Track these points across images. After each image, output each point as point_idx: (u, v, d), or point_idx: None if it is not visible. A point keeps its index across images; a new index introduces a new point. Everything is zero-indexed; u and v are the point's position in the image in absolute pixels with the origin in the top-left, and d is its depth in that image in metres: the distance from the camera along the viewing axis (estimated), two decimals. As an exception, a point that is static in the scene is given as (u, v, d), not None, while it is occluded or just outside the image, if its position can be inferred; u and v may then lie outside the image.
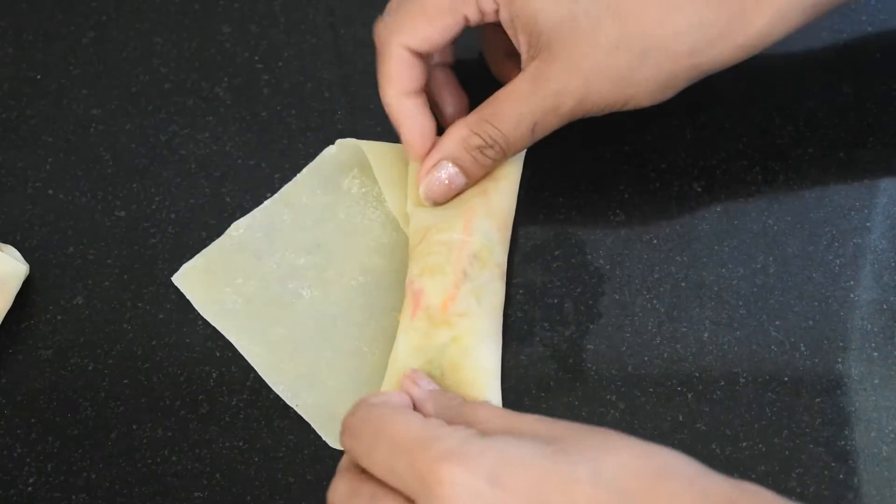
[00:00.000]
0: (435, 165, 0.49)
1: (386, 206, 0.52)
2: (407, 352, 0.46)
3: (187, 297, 0.51)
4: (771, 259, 0.50)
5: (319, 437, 0.47)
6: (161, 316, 0.50)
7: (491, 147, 0.48)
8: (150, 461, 0.47)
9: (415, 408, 0.43)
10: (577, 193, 0.52)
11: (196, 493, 0.46)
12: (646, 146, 0.53)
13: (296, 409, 0.48)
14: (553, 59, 0.47)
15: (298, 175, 0.53)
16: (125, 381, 0.49)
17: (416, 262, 0.48)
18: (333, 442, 0.47)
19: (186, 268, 0.51)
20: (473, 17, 0.48)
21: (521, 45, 0.48)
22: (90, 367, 0.49)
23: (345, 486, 0.40)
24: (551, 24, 0.46)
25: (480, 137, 0.48)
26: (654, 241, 0.51)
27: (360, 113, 0.55)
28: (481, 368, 0.46)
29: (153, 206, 0.53)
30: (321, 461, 0.47)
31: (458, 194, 0.49)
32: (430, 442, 0.37)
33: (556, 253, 0.51)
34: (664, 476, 0.37)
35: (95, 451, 0.47)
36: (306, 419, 0.47)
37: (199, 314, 0.50)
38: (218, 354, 0.49)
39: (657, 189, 0.52)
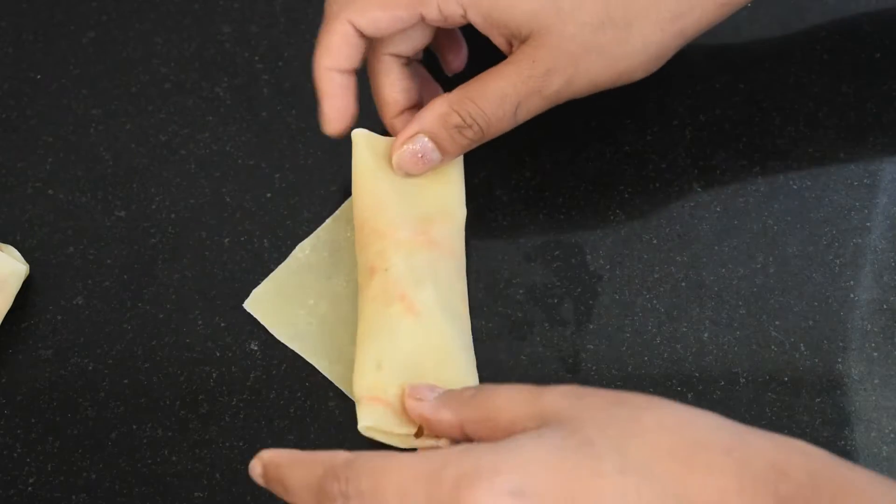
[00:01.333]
0: (411, 138, 0.47)
1: None
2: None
3: (261, 321, 0.50)
4: (771, 259, 0.50)
5: (319, 437, 0.47)
6: (161, 316, 0.50)
7: (469, 127, 0.47)
8: (150, 461, 0.47)
9: (428, 425, 0.41)
10: (577, 193, 0.52)
11: (196, 493, 0.46)
12: (646, 146, 0.53)
13: None
14: (539, 45, 0.46)
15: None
16: (125, 381, 0.49)
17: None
18: None
19: (257, 293, 0.50)
20: (432, 17, 0.47)
21: (502, 42, 0.48)
22: (90, 367, 0.49)
23: None
24: (530, 14, 0.46)
25: (460, 116, 0.47)
26: (654, 241, 0.51)
27: (360, 113, 0.55)
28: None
29: (153, 206, 0.53)
30: (321, 461, 0.47)
31: (432, 169, 0.48)
32: (440, 472, 0.34)
33: (556, 253, 0.51)
34: (697, 449, 0.34)
35: (95, 451, 0.47)
36: None
37: (199, 314, 0.50)
38: (218, 354, 0.49)
39: (657, 189, 0.52)
